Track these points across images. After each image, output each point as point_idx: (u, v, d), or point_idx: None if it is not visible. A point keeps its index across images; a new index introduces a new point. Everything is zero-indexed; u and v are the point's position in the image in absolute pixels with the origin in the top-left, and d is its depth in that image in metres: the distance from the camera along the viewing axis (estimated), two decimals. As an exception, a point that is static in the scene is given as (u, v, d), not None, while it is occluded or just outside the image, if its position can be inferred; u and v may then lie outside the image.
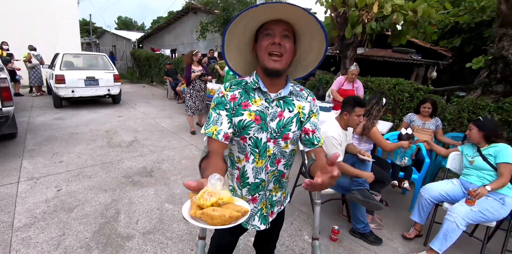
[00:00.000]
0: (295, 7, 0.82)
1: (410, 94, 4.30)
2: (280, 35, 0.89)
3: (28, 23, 9.97)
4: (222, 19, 7.46)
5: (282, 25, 0.90)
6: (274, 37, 0.89)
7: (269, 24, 0.90)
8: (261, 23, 0.92)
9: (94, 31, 26.86)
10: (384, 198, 2.85)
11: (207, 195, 0.61)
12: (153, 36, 15.58)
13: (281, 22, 0.90)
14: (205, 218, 0.59)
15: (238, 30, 0.94)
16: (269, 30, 0.90)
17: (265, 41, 0.90)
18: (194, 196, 0.63)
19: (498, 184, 2.03)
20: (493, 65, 3.94)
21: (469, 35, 6.78)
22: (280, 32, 0.89)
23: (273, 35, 0.90)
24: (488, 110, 3.67)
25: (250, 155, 1.01)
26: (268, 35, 0.91)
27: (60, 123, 5.07)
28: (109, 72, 6.77)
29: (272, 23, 0.90)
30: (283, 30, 0.90)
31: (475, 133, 2.26)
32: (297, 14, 0.86)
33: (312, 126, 1.04)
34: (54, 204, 2.45)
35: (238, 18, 0.88)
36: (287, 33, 0.91)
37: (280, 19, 0.90)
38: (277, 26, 0.89)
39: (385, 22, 4.54)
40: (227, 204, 0.63)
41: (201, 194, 0.62)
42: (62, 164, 3.30)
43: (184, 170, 3.37)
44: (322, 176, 0.66)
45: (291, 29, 0.92)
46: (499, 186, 2.03)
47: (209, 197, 0.61)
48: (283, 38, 0.90)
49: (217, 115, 0.96)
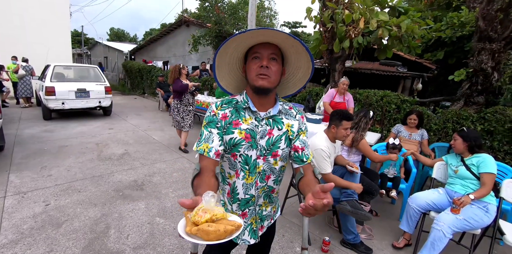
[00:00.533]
0: (281, 32, 0.88)
1: (397, 105, 4.44)
2: (268, 58, 0.94)
3: (19, 34, 9.96)
4: (214, 32, 7.61)
5: (270, 48, 0.95)
6: (262, 60, 0.94)
7: (257, 47, 0.96)
8: (250, 46, 0.98)
9: (85, 42, 26.88)
10: (373, 207, 2.90)
11: (201, 212, 0.64)
12: (146, 48, 15.68)
13: (269, 45, 0.95)
14: (200, 234, 0.62)
15: (228, 52, 0.99)
16: (257, 53, 0.95)
17: (254, 64, 0.96)
18: (189, 214, 0.65)
19: (481, 192, 2.11)
20: (474, 78, 4.12)
21: (451, 48, 7.08)
22: (267, 55, 0.94)
23: (261, 58, 0.95)
24: (471, 120, 3.82)
25: (240, 172, 1.04)
26: (256, 58, 0.96)
27: (49, 136, 5.00)
28: (101, 84, 6.76)
29: (260, 46, 0.95)
30: (270, 53, 0.95)
31: (459, 144, 2.35)
32: (283, 38, 0.92)
33: (301, 143, 1.09)
34: (42, 219, 2.41)
35: (228, 42, 0.93)
36: (275, 55, 0.96)
37: (268, 42, 0.95)
38: (265, 49, 0.95)
39: (371, 37, 4.73)
40: (221, 219, 0.66)
41: (196, 211, 0.64)
42: (51, 178, 3.25)
43: (176, 183, 3.35)
44: (314, 200, 0.71)
45: (278, 51, 0.98)
46: (482, 194, 2.11)
47: (204, 214, 0.64)
48: (270, 60, 0.95)
49: (208, 133, 0.99)
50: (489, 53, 3.91)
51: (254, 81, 0.96)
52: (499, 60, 3.92)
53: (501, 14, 3.82)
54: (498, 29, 3.85)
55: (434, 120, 4.09)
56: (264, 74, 0.94)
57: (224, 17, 7.60)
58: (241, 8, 8.15)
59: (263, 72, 0.94)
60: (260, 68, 0.94)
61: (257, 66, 0.95)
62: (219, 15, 7.54)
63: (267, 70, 0.94)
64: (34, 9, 10.18)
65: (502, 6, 3.76)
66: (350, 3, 4.74)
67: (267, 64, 0.93)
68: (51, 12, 10.62)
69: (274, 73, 0.95)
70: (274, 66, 0.95)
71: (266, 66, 0.93)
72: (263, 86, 0.95)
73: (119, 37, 40.43)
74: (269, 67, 0.94)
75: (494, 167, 2.18)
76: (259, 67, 0.94)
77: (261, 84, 0.94)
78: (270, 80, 0.95)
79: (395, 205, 3.22)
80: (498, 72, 3.98)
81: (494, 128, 3.62)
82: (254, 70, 0.95)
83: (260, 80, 0.94)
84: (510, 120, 3.49)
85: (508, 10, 3.81)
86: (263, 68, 0.94)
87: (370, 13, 4.58)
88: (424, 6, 8.69)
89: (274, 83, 0.97)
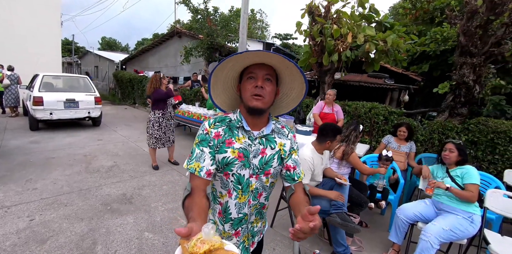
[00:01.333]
0: (277, 55, 0.90)
1: (385, 117, 4.55)
2: (263, 78, 0.96)
3: (8, 42, 9.84)
4: (206, 44, 7.70)
5: (265, 68, 0.97)
6: (257, 80, 0.96)
7: (252, 67, 0.98)
8: (246, 66, 1.00)
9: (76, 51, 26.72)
10: (363, 219, 2.92)
11: (200, 243, 0.64)
12: (137, 58, 15.69)
13: (264, 65, 0.97)
14: None
15: (224, 71, 1.01)
16: (252, 73, 0.97)
17: (249, 84, 0.97)
18: (186, 244, 0.65)
19: (461, 193, 2.19)
20: (457, 90, 4.27)
21: (435, 61, 7.36)
22: (262, 76, 0.97)
23: (256, 78, 0.97)
24: (456, 131, 3.94)
25: (233, 192, 1.04)
26: (251, 78, 0.98)
27: (35, 147, 4.89)
28: (90, 94, 6.69)
29: (256, 66, 0.97)
30: (265, 74, 0.97)
31: (455, 156, 2.38)
32: (278, 60, 0.94)
33: (293, 162, 1.10)
34: (25, 235, 2.33)
35: (224, 62, 0.95)
36: (269, 76, 0.98)
37: (263, 63, 0.98)
38: (260, 69, 0.97)
39: (359, 51, 4.88)
40: (218, 249, 0.67)
41: (194, 242, 0.64)
42: (36, 192, 3.16)
43: (166, 196, 3.31)
44: (302, 223, 0.74)
45: (273, 72, 1.00)
46: (461, 194, 2.19)
47: (202, 245, 0.64)
48: (265, 81, 0.97)
49: (200, 151, 0.98)
50: (471, 67, 4.08)
51: (248, 102, 0.97)
52: (480, 73, 4.09)
53: (480, 30, 4.02)
54: (478, 44, 4.05)
55: (420, 131, 4.20)
56: (259, 94, 0.95)
57: (216, 29, 7.72)
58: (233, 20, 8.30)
59: (257, 93, 0.95)
60: (255, 88, 0.95)
61: (252, 86, 0.96)
62: (211, 27, 7.65)
63: (261, 91, 0.95)
64: (24, 17, 10.09)
65: (481, 23, 3.97)
66: (338, 18, 4.91)
67: (262, 85, 0.95)
68: (42, 20, 10.53)
69: (268, 93, 0.97)
70: (268, 87, 0.97)
71: (261, 87, 0.95)
72: (257, 107, 0.96)
73: (110, 47, 40.36)
74: (263, 88, 0.96)
75: (477, 178, 2.25)
76: (254, 87, 0.96)
77: (255, 104, 0.96)
78: (264, 101, 0.96)
79: (384, 216, 3.25)
80: (479, 85, 4.15)
81: (477, 138, 3.75)
82: (249, 90, 0.97)
83: (254, 100, 0.96)
84: (493, 130, 3.62)
85: (487, 26, 4.03)
86: (258, 88, 0.95)
87: (358, 28, 4.75)
88: (409, 21, 9.07)
89: (268, 104, 0.98)
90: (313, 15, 5.10)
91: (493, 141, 3.62)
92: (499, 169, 3.57)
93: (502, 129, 3.55)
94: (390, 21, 5.65)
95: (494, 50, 3.94)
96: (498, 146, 3.58)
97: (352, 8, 4.96)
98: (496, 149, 3.61)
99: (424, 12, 8.47)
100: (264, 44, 15.37)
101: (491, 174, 3.29)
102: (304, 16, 5.25)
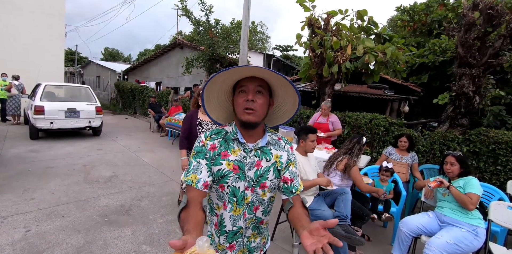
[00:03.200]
0: (265, 70, 0.91)
1: (385, 128, 4.54)
2: (254, 91, 0.96)
3: (12, 51, 9.96)
4: (207, 55, 7.81)
5: (256, 81, 0.97)
6: (248, 94, 0.96)
7: (244, 81, 0.98)
8: (237, 80, 1.00)
9: (79, 61, 27.08)
10: (365, 231, 2.87)
11: None
12: (139, 68, 15.87)
13: (255, 78, 0.97)
14: None
15: (216, 85, 1.01)
16: (243, 87, 0.97)
17: (240, 98, 0.97)
18: None
19: (462, 197, 2.18)
20: (457, 101, 4.29)
21: (435, 72, 7.43)
22: (253, 89, 0.96)
23: (247, 92, 0.96)
24: (457, 142, 3.92)
25: (228, 204, 1.03)
26: (242, 91, 0.98)
27: (34, 156, 4.87)
28: (92, 104, 6.73)
29: (247, 80, 0.97)
30: (256, 86, 0.97)
31: (457, 169, 2.36)
32: (267, 73, 0.94)
33: (291, 175, 1.09)
34: (21, 247, 2.28)
35: (214, 77, 0.95)
36: (261, 88, 0.98)
37: (254, 76, 0.98)
38: (251, 83, 0.97)
39: (358, 62, 4.94)
40: None
41: None
42: (33, 202, 3.12)
43: (164, 208, 3.25)
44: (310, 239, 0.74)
45: (265, 83, 1.00)
46: (461, 198, 2.18)
47: None
48: (256, 94, 0.96)
49: (197, 163, 0.98)
50: (470, 78, 4.11)
51: (241, 116, 0.97)
52: (479, 84, 4.12)
53: (478, 42, 4.08)
54: (477, 56, 4.09)
55: (421, 142, 4.18)
56: (250, 108, 0.95)
57: (218, 41, 7.84)
58: (234, 32, 8.44)
59: (248, 106, 0.95)
60: (246, 102, 0.95)
61: (243, 100, 0.96)
62: (212, 39, 7.78)
63: (252, 104, 0.95)
64: (29, 28, 10.26)
65: (478, 35, 4.03)
66: (338, 31, 5.01)
67: (252, 98, 0.95)
68: (46, 31, 10.70)
69: (260, 106, 0.97)
70: (260, 99, 0.97)
71: (252, 100, 0.95)
72: (249, 121, 0.96)
73: (113, 57, 40.95)
74: (255, 101, 0.95)
75: (479, 188, 2.22)
76: (245, 101, 0.95)
77: (247, 118, 0.95)
78: (256, 114, 0.96)
79: (387, 229, 3.19)
80: (479, 96, 4.17)
81: (479, 149, 3.72)
82: (240, 104, 0.97)
83: (246, 114, 0.95)
84: (494, 141, 3.60)
85: (485, 38, 4.08)
86: (249, 102, 0.95)
87: (357, 40, 4.82)
88: (407, 33, 9.23)
89: (260, 117, 0.98)
90: (313, 28, 5.19)
91: (494, 151, 3.60)
92: (502, 180, 3.53)
93: (503, 139, 3.53)
94: (389, 33, 5.76)
95: (492, 61, 3.98)
96: (500, 156, 3.55)
97: (351, 21, 5.06)
98: (498, 160, 3.58)
99: (422, 24, 8.64)
100: (264, 56, 15.54)
101: (494, 185, 3.25)
102: (304, 28, 5.35)
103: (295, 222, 0.97)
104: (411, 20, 8.76)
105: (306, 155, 2.54)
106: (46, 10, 10.64)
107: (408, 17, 8.79)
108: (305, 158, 2.51)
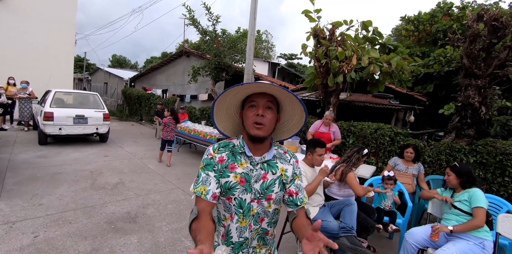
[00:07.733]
0: (276, 87, 0.96)
1: (391, 138, 4.54)
2: (263, 107, 1.02)
3: (22, 57, 10.15)
4: (213, 64, 7.92)
5: (266, 97, 1.03)
6: (257, 109, 1.01)
7: (254, 96, 1.03)
8: (248, 94, 1.05)
9: (87, 68, 27.57)
10: (371, 243, 2.84)
11: None
12: (146, 75, 16.10)
13: (265, 94, 1.03)
14: None
15: (226, 99, 1.06)
16: (254, 102, 1.03)
17: (250, 112, 1.02)
18: None
19: (467, 225, 2.15)
20: (463, 111, 4.28)
21: (440, 81, 7.42)
22: (263, 104, 1.02)
23: (257, 107, 1.02)
24: (464, 152, 3.89)
25: (234, 215, 1.06)
26: (252, 106, 1.03)
27: (43, 162, 4.94)
28: (100, 111, 6.84)
29: (257, 95, 1.03)
30: (266, 102, 1.02)
31: (453, 179, 2.40)
32: (278, 90, 0.99)
33: (296, 188, 1.12)
34: (29, 253, 2.31)
35: (226, 92, 1.01)
36: (270, 104, 1.03)
37: (264, 92, 1.03)
38: (261, 98, 1.02)
39: (363, 72, 4.97)
40: None
41: None
42: (42, 207, 3.17)
43: (170, 215, 3.27)
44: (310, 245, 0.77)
45: (274, 100, 1.05)
46: (467, 227, 2.14)
47: None
48: (266, 109, 1.02)
49: (206, 175, 1.02)
50: (475, 89, 4.11)
51: (250, 130, 1.02)
52: (485, 95, 4.12)
53: (483, 53, 4.10)
54: (482, 66, 4.10)
55: (427, 153, 4.16)
56: (260, 123, 1.00)
57: (224, 50, 7.95)
58: (240, 41, 8.56)
59: (258, 121, 1.00)
60: (256, 117, 1.00)
61: (253, 114, 1.01)
62: (218, 48, 7.90)
63: (262, 119, 1.00)
64: (40, 35, 10.50)
65: (483, 46, 4.05)
66: (343, 41, 5.07)
67: (262, 113, 1.00)
68: (57, 39, 10.94)
69: (269, 121, 1.02)
70: (269, 115, 1.02)
71: (262, 115, 1.00)
72: (258, 136, 1.00)
73: (120, 64, 41.68)
74: (264, 116, 1.00)
75: (483, 201, 2.20)
76: (255, 115, 1.01)
77: (256, 133, 1.00)
78: (265, 129, 1.01)
79: (393, 240, 3.15)
80: (485, 106, 4.15)
81: (486, 160, 3.69)
82: (250, 118, 1.01)
83: (255, 129, 1.00)
84: (501, 152, 3.57)
85: (490, 49, 4.10)
86: (258, 116, 1.00)
87: (362, 50, 4.87)
88: (412, 42, 9.27)
89: (268, 131, 1.03)
90: (318, 38, 5.26)
91: (502, 162, 3.56)
92: (510, 192, 3.49)
93: (510, 150, 3.50)
94: (394, 43, 5.79)
95: (498, 72, 3.99)
96: (507, 168, 3.52)
97: (356, 31, 5.12)
98: (506, 171, 3.54)
99: (426, 34, 8.67)
100: (269, 64, 15.70)
101: (502, 197, 3.22)
102: (309, 38, 5.42)
103: (298, 232, 1.01)
104: (416, 30, 8.81)
105: (313, 167, 2.52)
106: (58, 19, 10.92)
107: (412, 26, 8.84)
108: (311, 169, 2.50)
